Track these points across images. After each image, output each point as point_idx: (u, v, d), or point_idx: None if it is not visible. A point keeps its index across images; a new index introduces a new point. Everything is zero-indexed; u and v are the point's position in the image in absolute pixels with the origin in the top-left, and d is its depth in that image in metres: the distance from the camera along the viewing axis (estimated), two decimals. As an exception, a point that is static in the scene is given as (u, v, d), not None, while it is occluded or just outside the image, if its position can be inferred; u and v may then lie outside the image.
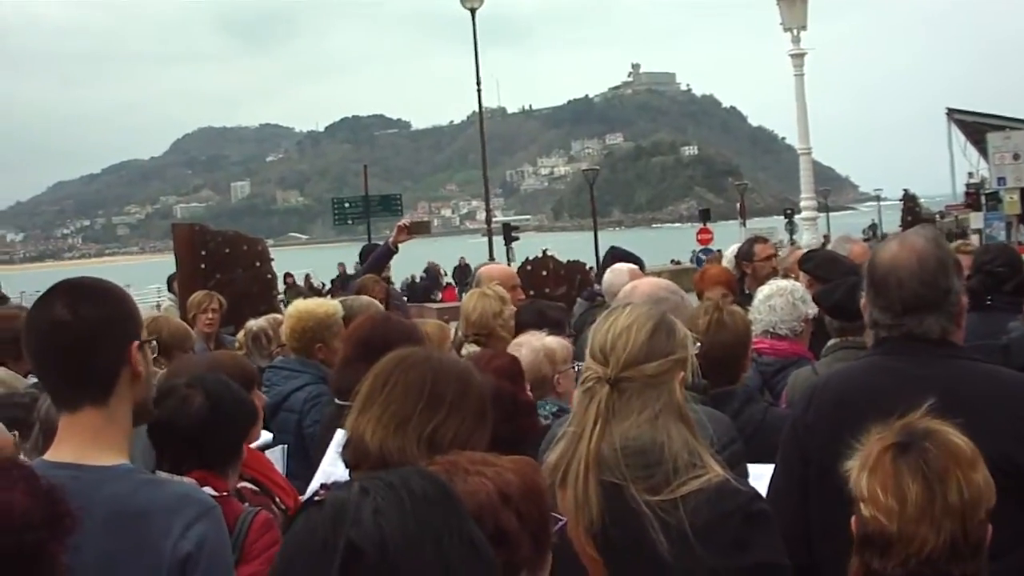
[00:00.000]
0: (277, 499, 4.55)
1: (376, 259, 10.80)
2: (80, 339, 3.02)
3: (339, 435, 5.40)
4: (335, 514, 1.84)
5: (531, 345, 5.45)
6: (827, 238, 33.14)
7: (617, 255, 10.00)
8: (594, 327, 3.43)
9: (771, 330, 6.34)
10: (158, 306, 14.37)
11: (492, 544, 2.30)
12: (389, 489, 1.88)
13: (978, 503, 2.69)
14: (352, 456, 3.23)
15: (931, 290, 3.66)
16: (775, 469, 3.98)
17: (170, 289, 15.57)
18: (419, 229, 11.34)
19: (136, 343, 3.12)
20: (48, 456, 3.08)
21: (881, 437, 2.83)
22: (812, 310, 6.38)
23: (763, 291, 6.58)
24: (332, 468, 5.27)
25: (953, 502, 2.67)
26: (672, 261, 59.94)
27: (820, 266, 8.28)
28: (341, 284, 36.38)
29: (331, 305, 7.17)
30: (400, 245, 10.79)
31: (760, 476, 4.00)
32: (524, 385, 4.79)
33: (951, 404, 2.95)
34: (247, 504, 4.24)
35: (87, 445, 3.02)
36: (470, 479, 2.46)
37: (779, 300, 6.37)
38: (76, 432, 3.04)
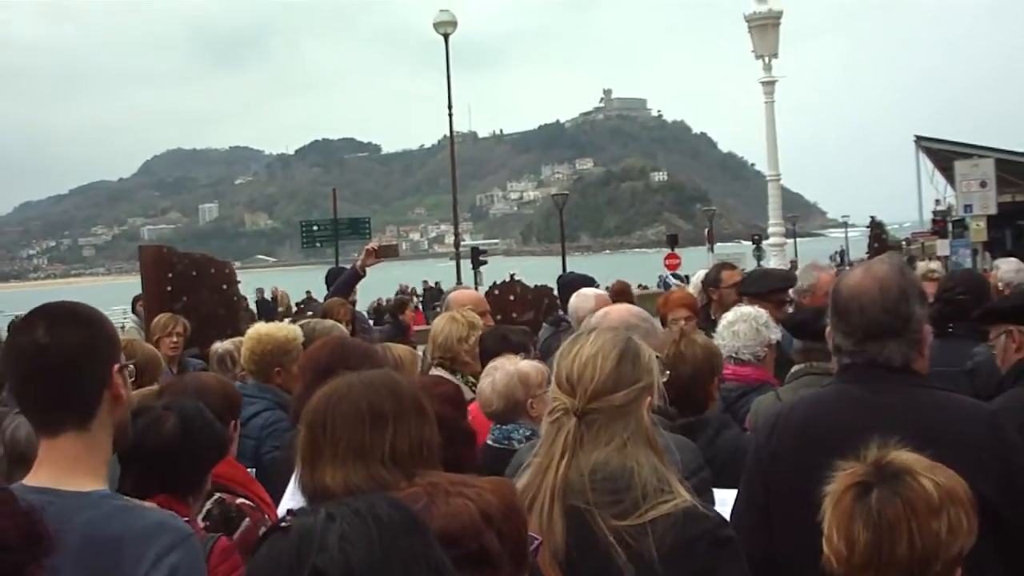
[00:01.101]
0: (266, 516, 4.56)
1: (344, 282, 10.75)
2: (63, 362, 3.01)
3: None
4: (300, 541, 1.82)
5: (505, 369, 5.44)
6: (794, 264, 33.29)
7: (574, 280, 10.02)
8: (559, 354, 3.41)
9: (734, 355, 6.35)
10: (122, 327, 14.32)
11: (475, 564, 2.31)
12: (355, 516, 1.85)
13: (932, 555, 2.69)
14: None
15: (892, 317, 3.69)
16: (738, 496, 4.00)
17: (134, 311, 15.48)
18: (387, 252, 11.30)
19: (117, 366, 3.12)
20: (27, 481, 3.06)
21: (852, 471, 2.83)
22: (775, 336, 6.41)
23: (727, 317, 6.60)
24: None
25: (900, 555, 2.68)
26: (639, 286, 60.05)
27: (753, 283, 8.44)
28: (261, 310, 35.60)
29: (290, 329, 7.13)
30: (368, 269, 10.76)
31: (725, 502, 4.00)
32: (466, 413, 4.79)
33: (913, 434, 2.97)
34: (247, 519, 4.34)
35: (65, 471, 3.01)
36: (452, 500, 2.45)
37: (742, 326, 6.38)
38: (56, 458, 3.03)
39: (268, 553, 1.87)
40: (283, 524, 1.90)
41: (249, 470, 5.77)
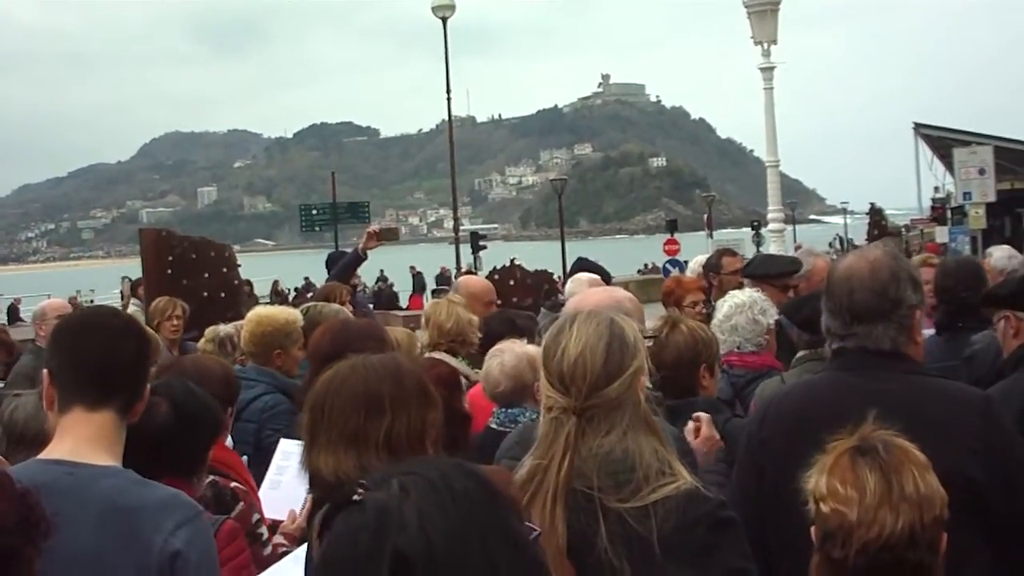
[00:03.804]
0: (255, 502, 4.64)
1: (345, 266, 10.75)
2: (136, 352, 3.40)
3: (283, 444, 5.42)
4: (379, 519, 1.76)
5: (513, 351, 5.48)
6: (799, 249, 33.23)
7: (584, 267, 10.03)
8: (544, 349, 3.36)
9: (737, 350, 6.31)
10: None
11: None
12: (431, 489, 1.79)
13: (933, 500, 2.75)
14: (317, 492, 3.22)
15: (880, 299, 3.72)
16: (731, 484, 4.02)
17: (134, 294, 15.48)
18: (388, 236, 11.33)
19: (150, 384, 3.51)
20: (44, 454, 3.27)
21: (837, 445, 2.89)
22: (773, 319, 6.36)
23: (721, 310, 6.48)
24: (278, 477, 5.29)
25: (910, 492, 2.73)
26: (638, 271, 60.21)
27: (760, 266, 8.44)
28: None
29: (291, 312, 7.15)
30: (368, 252, 10.78)
31: None
32: (461, 396, 4.80)
33: (901, 420, 2.98)
34: (241, 503, 4.42)
35: (88, 444, 3.23)
36: None
37: (740, 318, 6.30)
38: (83, 431, 3.25)
39: (345, 531, 1.79)
40: (356, 498, 1.82)
41: (243, 457, 5.80)
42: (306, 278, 39.59)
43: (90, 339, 3.34)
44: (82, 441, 3.22)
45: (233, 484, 4.52)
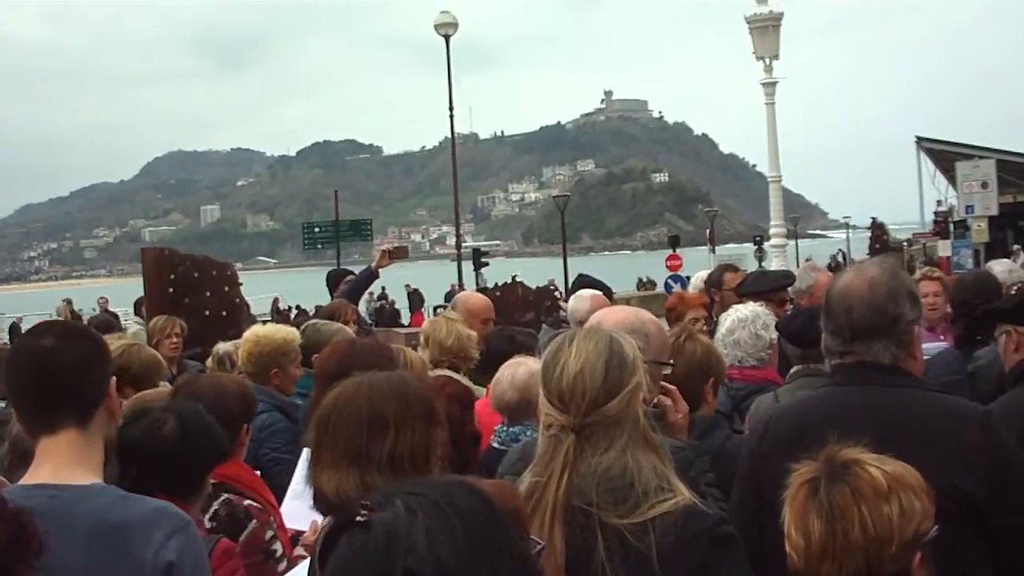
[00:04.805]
0: (272, 519, 4.64)
1: (358, 284, 10.84)
2: (70, 364, 3.26)
3: (307, 453, 5.40)
4: (387, 540, 1.76)
5: (527, 366, 5.51)
6: (808, 261, 33.25)
7: (585, 283, 10.05)
8: (544, 367, 3.37)
9: (738, 364, 6.31)
10: (124, 330, 14.38)
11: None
12: (436, 508, 1.80)
13: (887, 538, 2.75)
14: (321, 509, 3.23)
15: (879, 316, 3.72)
16: (732, 500, 4.01)
17: (137, 313, 15.50)
18: (399, 254, 11.52)
19: (114, 382, 3.37)
20: (25, 480, 3.25)
21: (803, 472, 2.91)
22: (774, 334, 6.35)
23: (724, 324, 6.48)
24: (301, 486, 5.27)
25: (855, 539, 2.75)
26: (637, 286, 60.26)
27: (752, 284, 8.48)
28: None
29: (289, 331, 7.17)
30: (381, 270, 10.89)
31: None
32: (472, 415, 4.79)
33: (900, 433, 2.98)
34: (254, 521, 4.42)
35: (65, 466, 3.19)
36: None
37: (742, 333, 6.31)
38: (55, 454, 3.21)
39: (351, 552, 1.79)
40: (359, 519, 1.82)
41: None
42: (318, 306, 39.57)
43: (24, 369, 3.29)
44: (59, 464, 3.20)
45: (247, 502, 4.52)
